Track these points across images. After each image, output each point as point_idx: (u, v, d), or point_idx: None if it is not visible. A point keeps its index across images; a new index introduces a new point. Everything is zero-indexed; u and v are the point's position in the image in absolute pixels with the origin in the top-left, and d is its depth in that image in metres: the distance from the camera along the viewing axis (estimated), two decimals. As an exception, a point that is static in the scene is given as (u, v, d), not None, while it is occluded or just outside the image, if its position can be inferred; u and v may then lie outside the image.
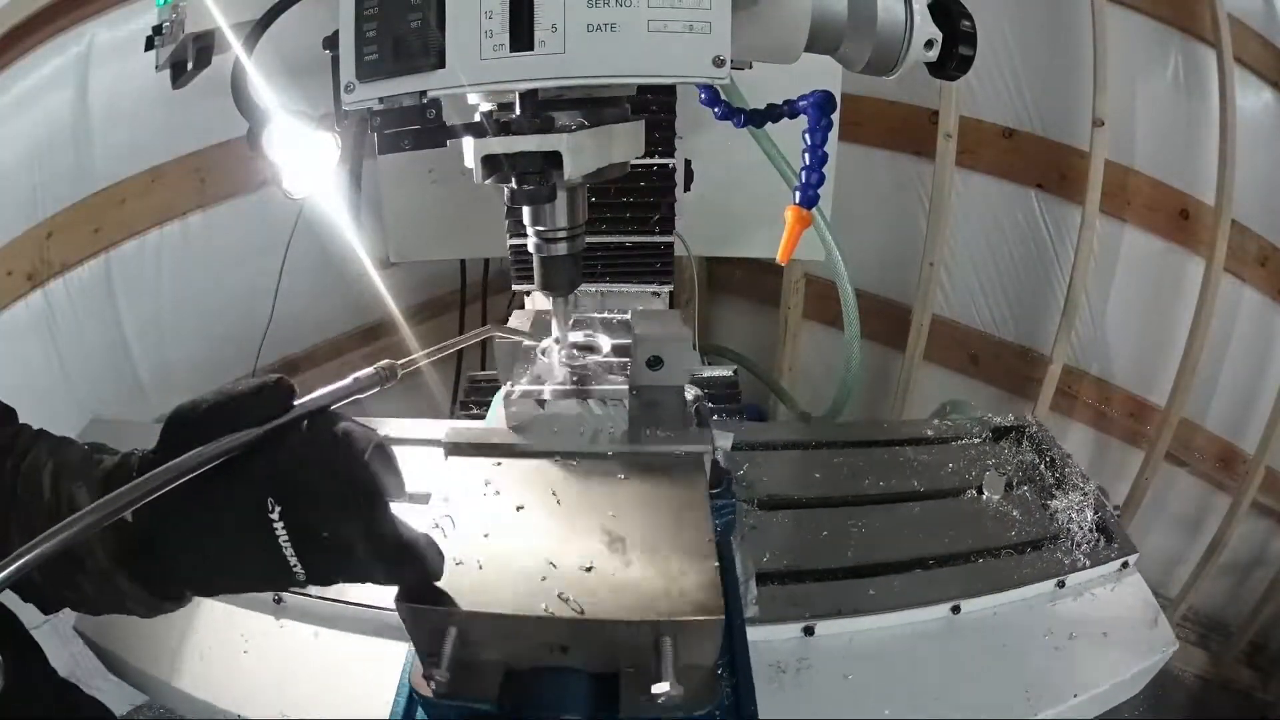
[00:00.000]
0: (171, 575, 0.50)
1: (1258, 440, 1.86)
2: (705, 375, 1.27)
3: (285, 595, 0.78)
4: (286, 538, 0.45)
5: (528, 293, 1.35)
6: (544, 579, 0.52)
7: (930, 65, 0.63)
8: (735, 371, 1.38)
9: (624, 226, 1.26)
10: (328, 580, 0.48)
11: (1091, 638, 0.81)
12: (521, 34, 0.52)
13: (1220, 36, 1.71)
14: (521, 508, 0.59)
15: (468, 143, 0.58)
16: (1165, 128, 1.88)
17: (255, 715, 0.72)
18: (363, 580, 0.48)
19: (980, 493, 0.93)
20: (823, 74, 0.71)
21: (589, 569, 0.53)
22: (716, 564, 0.53)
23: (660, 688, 0.47)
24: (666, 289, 1.34)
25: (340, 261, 1.50)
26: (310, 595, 0.77)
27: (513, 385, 0.66)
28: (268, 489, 0.45)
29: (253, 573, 0.48)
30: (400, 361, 0.54)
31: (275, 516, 0.45)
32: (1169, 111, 1.86)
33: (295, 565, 0.46)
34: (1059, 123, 1.97)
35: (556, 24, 0.51)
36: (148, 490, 0.42)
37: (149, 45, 0.94)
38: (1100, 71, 1.82)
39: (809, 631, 0.77)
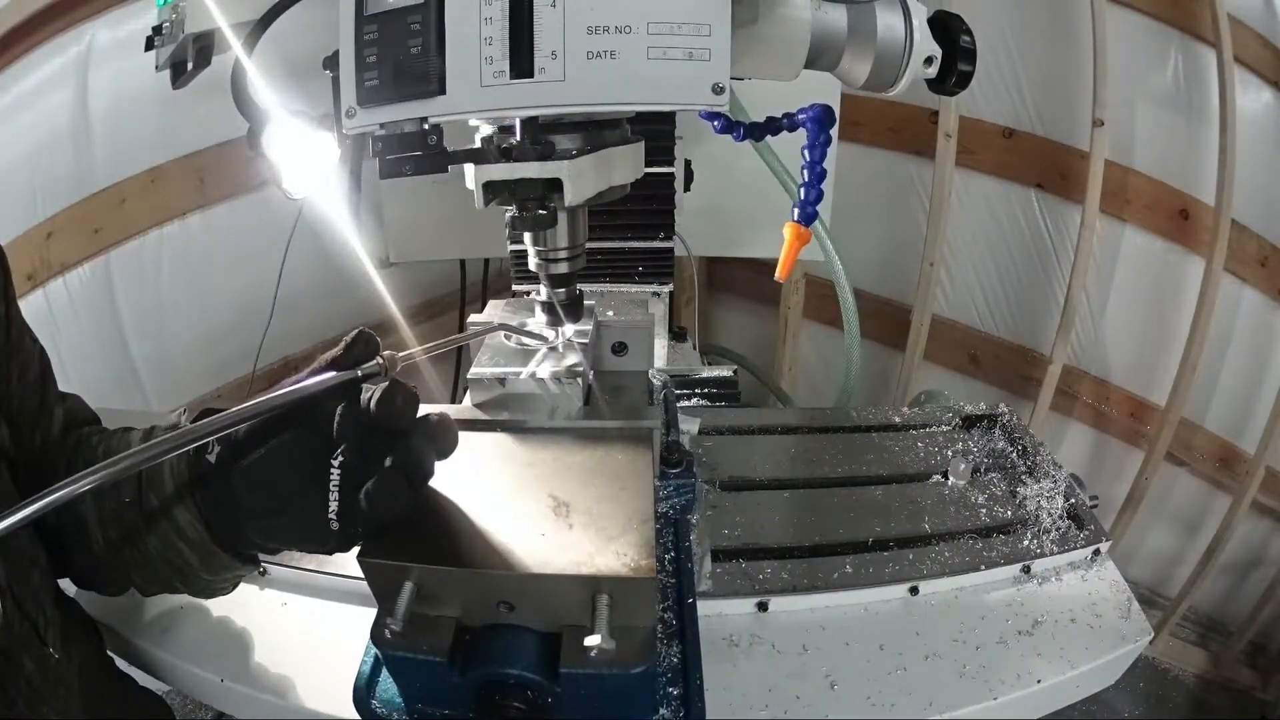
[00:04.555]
0: (235, 509, 0.55)
1: (1257, 440, 1.85)
2: (705, 375, 1.29)
3: (268, 565, 0.81)
4: (337, 481, 0.52)
5: (528, 293, 1.39)
6: (491, 538, 0.55)
7: (930, 81, 0.62)
8: (735, 371, 1.39)
9: (624, 234, 1.30)
10: (349, 537, 0.54)
11: (1059, 624, 0.80)
12: (521, 61, 0.51)
13: (1220, 36, 1.71)
14: (474, 474, 0.62)
15: (469, 169, 0.59)
16: (1165, 128, 1.88)
17: (237, 679, 0.76)
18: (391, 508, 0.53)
19: (946, 477, 0.94)
20: (825, 84, 0.69)
21: (533, 530, 0.56)
22: (654, 526, 0.55)
23: (592, 640, 0.50)
24: (667, 289, 1.37)
25: (340, 262, 1.54)
26: (290, 565, 0.81)
27: (476, 366, 0.70)
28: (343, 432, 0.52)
29: (303, 515, 0.54)
30: (400, 354, 0.58)
31: (335, 463, 0.51)
32: (1169, 111, 1.87)
33: (333, 509, 0.52)
34: (1059, 123, 1.98)
35: (556, 51, 0.51)
36: (233, 421, 0.49)
37: (149, 45, 0.98)
38: (1100, 71, 1.82)
39: (763, 607, 0.78)
